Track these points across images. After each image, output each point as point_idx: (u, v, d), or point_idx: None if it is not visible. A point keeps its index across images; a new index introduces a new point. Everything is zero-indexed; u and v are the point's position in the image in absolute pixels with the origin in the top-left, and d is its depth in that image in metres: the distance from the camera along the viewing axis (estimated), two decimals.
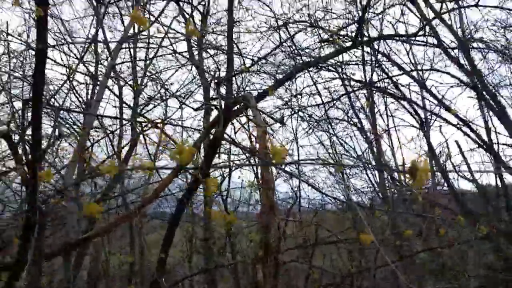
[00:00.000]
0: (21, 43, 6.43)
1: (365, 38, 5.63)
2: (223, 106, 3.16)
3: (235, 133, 4.56)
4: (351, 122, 9.37)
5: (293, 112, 8.40)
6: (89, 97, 8.22)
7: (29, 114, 4.66)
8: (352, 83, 7.99)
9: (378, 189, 9.06)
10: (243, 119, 4.07)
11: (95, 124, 6.75)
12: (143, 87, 7.91)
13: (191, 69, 7.82)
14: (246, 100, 3.30)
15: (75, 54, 8.03)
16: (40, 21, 1.74)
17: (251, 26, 7.84)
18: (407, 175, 1.54)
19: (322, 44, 6.48)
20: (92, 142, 6.21)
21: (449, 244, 4.74)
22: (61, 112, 6.46)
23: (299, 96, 8.19)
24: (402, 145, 8.90)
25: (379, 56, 7.52)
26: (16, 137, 4.26)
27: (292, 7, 7.74)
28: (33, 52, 7.09)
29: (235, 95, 3.52)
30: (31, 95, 6.03)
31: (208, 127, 3.50)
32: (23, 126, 4.38)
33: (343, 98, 8.50)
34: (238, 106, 3.49)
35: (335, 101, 8.69)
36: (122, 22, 7.95)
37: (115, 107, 8.22)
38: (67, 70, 7.01)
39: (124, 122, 5.68)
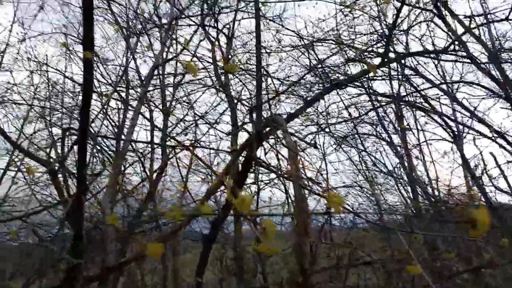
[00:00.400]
0: (59, 73, 6.81)
1: (393, 56, 5.62)
2: (254, 131, 3.23)
3: (265, 154, 4.61)
4: (380, 137, 9.29)
5: (320, 129, 8.40)
6: (121, 121, 8.54)
7: (68, 142, 4.96)
8: (379, 97, 7.96)
9: (412, 206, 8.86)
10: (273, 140, 4.13)
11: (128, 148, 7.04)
12: (172, 110, 8.19)
13: (217, 93, 8.01)
14: (277, 123, 3.36)
15: (107, 81, 8.42)
16: (87, 64, 1.88)
17: (276, 47, 7.95)
18: (466, 224, 1.52)
19: (349, 63, 6.51)
20: (126, 166, 6.42)
21: (492, 265, 4.54)
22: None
23: (325, 112, 8.22)
24: (434, 159, 8.68)
25: (406, 70, 7.49)
26: (56, 165, 4.51)
27: (317, 26, 7.81)
28: (70, 81, 7.56)
29: (265, 118, 3.60)
30: (71, 125, 6.37)
31: (239, 150, 3.58)
32: (63, 154, 4.65)
33: (370, 113, 8.46)
34: (268, 128, 3.56)
35: (362, 117, 8.65)
36: (152, 50, 8.27)
37: (146, 130, 8.54)
38: (101, 97, 7.38)
39: (156, 145, 5.85)
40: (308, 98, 5.03)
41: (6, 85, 6.99)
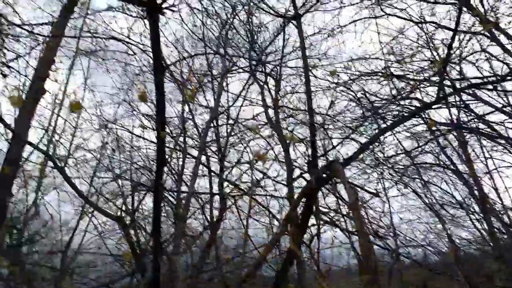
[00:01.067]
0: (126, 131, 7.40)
1: (448, 83, 5.50)
2: (312, 180, 3.31)
3: (324, 198, 4.65)
4: (445, 166, 8.88)
5: (378, 163, 8.23)
6: (180, 168, 9.00)
7: (137, 196, 5.36)
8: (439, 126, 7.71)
9: (488, 237, 8.25)
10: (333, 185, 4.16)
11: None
12: (227, 154, 8.53)
13: (272, 136, 8.22)
14: (334, 168, 3.42)
15: (168, 133, 9.01)
16: (160, 143, 2.12)
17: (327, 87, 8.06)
18: None
19: (404, 97, 6.44)
20: (189, 215, 6.70)
21: None
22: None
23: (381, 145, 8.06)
24: (508, 187, 8.08)
25: (464, 94, 7.22)
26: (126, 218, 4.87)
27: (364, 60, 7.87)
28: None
29: (322, 166, 3.67)
30: (141, 181, 6.85)
31: (297, 199, 3.66)
32: (133, 209, 5.03)
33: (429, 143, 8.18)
34: (326, 174, 3.62)
35: (423, 146, 8.38)
36: (207, 102, 8.79)
37: (204, 176, 8.91)
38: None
39: (215, 194, 6.11)
40: (364, 141, 5.02)
41: (80, 143, 7.78)
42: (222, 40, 8.42)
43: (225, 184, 7.89)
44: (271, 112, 8.11)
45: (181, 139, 8.58)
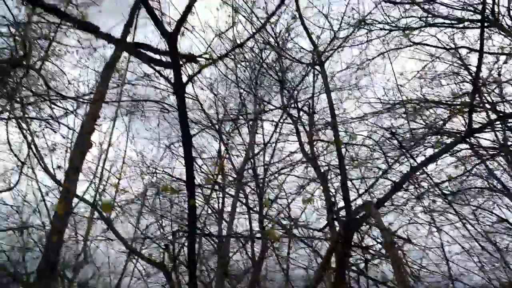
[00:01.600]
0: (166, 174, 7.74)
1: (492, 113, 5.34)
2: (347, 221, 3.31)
3: (362, 239, 4.57)
4: (496, 189, 8.42)
5: (425, 190, 7.95)
6: (220, 206, 9.19)
7: (177, 242, 5.55)
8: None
9: None
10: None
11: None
12: (265, 191, 8.65)
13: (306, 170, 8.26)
14: (368, 209, 3.41)
15: (205, 171, 9.30)
16: (191, 208, 2.27)
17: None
18: None
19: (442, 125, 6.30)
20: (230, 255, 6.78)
21: None
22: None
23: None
24: None
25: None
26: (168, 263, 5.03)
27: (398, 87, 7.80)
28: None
29: (355, 207, 3.67)
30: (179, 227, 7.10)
31: (332, 243, 3.65)
32: (175, 254, 5.19)
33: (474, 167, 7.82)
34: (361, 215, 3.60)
35: (469, 171, 8.02)
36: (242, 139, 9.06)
37: (242, 213, 9.04)
38: (202, 189, 8.21)
39: (255, 238, 6.17)
40: (397, 181, 4.92)
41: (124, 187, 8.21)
42: (253, 81, 8.75)
43: (265, 221, 7.97)
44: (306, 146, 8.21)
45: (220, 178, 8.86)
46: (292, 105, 8.79)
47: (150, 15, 2.62)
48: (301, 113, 8.87)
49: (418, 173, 7.53)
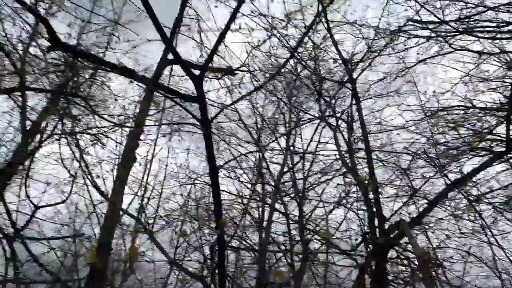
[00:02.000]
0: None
1: None
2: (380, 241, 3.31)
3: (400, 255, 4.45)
4: None
5: (473, 200, 7.62)
6: (260, 215, 9.31)
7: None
8: None
9: None
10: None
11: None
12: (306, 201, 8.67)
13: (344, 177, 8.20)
14: (401, 229, 3.39)
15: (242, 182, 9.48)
16: (220, 243, 2.38)
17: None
18: None
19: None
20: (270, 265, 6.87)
21: None
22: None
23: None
24: None
25: None
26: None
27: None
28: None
29: (389, 225, 3.63)
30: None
31: (367, 261, 3.64)
32: (213, 267, 5.36)
33: None
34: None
35: None
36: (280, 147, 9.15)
37: (280, 222, 9.12)
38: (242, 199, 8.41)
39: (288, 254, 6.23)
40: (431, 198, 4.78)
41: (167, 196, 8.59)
42: (291, 90, 8.84)
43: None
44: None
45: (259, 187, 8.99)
46: (330, 114, 8.77)
47: (176, 59, 2.80)
48: (340, 121, 8.83)
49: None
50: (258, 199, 8.54)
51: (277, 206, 8.66)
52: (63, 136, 5.67)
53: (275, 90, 9.31)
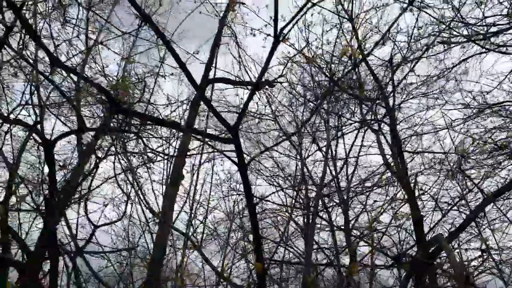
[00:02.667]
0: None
1: None
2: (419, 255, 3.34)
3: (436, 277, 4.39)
4: None
5: None
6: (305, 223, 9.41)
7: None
8: None
9: None
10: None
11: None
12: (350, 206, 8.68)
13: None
14: (438, 242, 3.39)
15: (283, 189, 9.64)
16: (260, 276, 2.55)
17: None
18: None
19: None
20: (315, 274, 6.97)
21: None
22: None
23: None
24: None
25: None
26: None
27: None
28: None
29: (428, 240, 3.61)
30: None
31: (407, 276, 3.65)
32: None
33: None
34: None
35: None
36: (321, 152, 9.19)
37: (325, 230, 9.18)
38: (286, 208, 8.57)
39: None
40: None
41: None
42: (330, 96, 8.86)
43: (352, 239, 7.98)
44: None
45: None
46: (372, 118, 8.70)
47: (211, 109, 3.01)
48: (382, 124, 8.72)
49: None
50: (301, 207, 8.65)
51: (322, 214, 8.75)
52: (118, 155, 6.11)
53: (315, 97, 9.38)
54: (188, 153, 6.19)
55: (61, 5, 6.78)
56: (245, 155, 3.84)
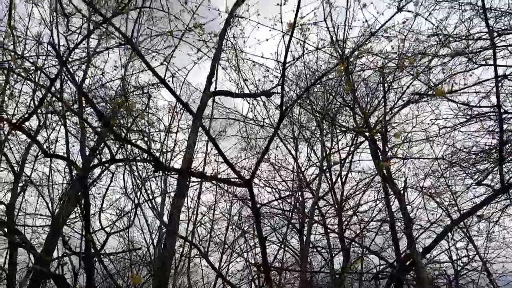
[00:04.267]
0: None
1: None
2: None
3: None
4: None
5: None
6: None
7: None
8: None
9: None
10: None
11: None
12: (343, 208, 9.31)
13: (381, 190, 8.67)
14: (413, 258, 3.96)
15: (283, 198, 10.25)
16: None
17: None
18: None
19: None
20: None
21: None
22: None
23: None
24: None
25: None
26: None
27: None
28: None
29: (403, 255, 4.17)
30: None
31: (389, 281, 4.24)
32: None
33: None
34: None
35: None
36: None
37: (322, 234, 9.81)
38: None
39: None
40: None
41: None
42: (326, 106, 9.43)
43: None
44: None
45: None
46: (364, 126, 9.24)
47: (228, 165, 3.51)
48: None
49: None
50: (297, 210, 9.27)
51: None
52: (124, 163, 6.61)
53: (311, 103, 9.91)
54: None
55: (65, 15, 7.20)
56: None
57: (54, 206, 7.78)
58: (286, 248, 9.25)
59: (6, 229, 7.02)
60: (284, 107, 4.09)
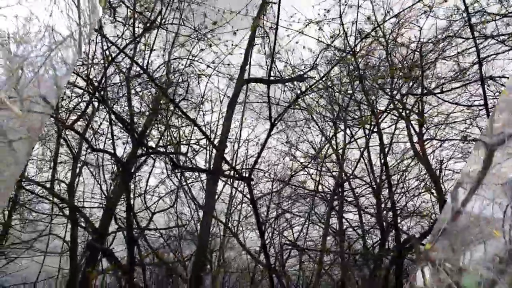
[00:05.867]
0: None
1: None
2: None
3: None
4: None
5: None
6: None
7: None
8: None
9: None
10: None
11: None
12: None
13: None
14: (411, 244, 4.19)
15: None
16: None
17: None
18: None
19: None
20: None
21: None
22: None
23: None
24: None
25: None
26: None
27: None
28: None
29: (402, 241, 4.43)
30: None
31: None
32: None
33: None
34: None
35: None
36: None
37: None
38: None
39: None
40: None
41: None
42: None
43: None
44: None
45: None
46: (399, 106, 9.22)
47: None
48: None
49: None
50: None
51: None
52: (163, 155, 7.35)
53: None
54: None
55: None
56: None
57: (108, 187, 8.72)
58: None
59: (68, 207, 8.07)
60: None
